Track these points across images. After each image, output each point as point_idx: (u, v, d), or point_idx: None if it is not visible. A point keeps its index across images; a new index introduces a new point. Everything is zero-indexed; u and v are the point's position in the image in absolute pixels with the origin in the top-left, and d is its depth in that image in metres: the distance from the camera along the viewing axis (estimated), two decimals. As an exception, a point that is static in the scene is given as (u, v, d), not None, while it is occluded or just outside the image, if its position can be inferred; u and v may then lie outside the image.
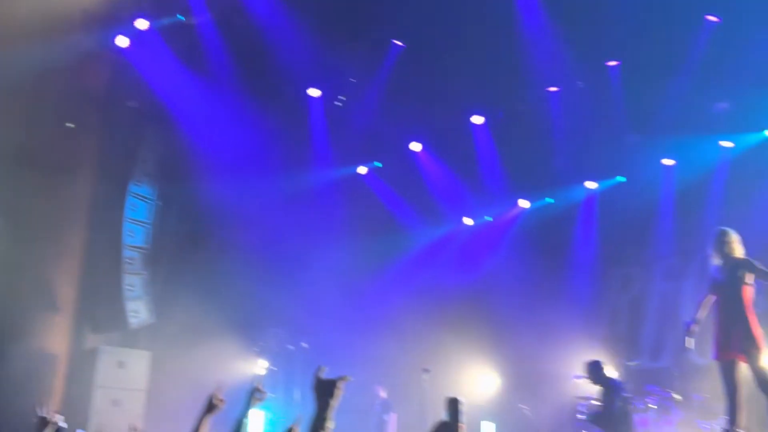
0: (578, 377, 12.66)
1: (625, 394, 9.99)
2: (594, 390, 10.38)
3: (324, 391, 2.94)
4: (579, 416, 9.95)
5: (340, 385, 2.97)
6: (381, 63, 12.68)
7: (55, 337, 11.18)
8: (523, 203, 15.06)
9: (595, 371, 10.07)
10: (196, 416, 4.29)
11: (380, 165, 14.79)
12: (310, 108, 13.35)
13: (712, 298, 7.45)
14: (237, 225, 12.52)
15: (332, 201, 13.95)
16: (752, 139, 12.35)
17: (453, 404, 3.84)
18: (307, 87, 13.09)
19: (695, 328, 7.51)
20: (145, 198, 12.37)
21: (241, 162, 12.45)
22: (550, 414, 12.50)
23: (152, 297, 12.15)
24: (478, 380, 14.00)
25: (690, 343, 7.60)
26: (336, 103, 13.25)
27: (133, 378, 11.52)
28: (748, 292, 7.09)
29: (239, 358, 12.38)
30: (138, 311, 12.02)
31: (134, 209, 12.16)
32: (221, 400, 4.35)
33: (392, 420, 12.79)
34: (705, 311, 7.61)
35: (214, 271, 12.03)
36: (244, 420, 4.23)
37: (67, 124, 11.25)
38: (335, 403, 2.92)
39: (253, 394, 4.34)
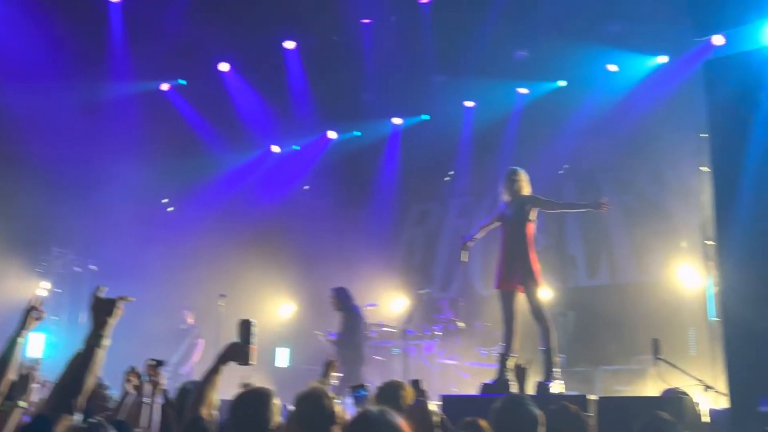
0: (372, 305, 13.10)
1: (364, 321, 10.54)
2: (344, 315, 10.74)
3: (102, 309, 2.87)
4: (327, 339, 10.52)
5: (120, 304, 2.91)
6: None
7: None
8: (331, 134, 15.08)
9: (340, 297, 10.49)
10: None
11: (185, 82, 14.11)
12: (109, 14, 12.40)
13: (495, 224, 7.85)
14: (19, 134, 11.48)
15: (132, 116, 13.16)
16: (545, 87, 13.07)
17: (244, 325, 3.78)
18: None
19: (470, 243, 7.88)
20: None
21: (27, 67, 11.33)
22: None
23: None
24: (275, 307, 14.08)
25: (464, 256, 7.96)
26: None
27: None
28: (531, 229, 7.51)
29: (18, 278, 11.55)
30: None
31: None
32: None
33: (200, 345, 12.59)
34: (483, 233, 8.04)
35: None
36: (19, 339, 3.95)
37: None
38: (113, 321, 2.87)
39: (29, 313, 4.05)
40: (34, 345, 11.48)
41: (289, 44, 13.27)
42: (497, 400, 3.76)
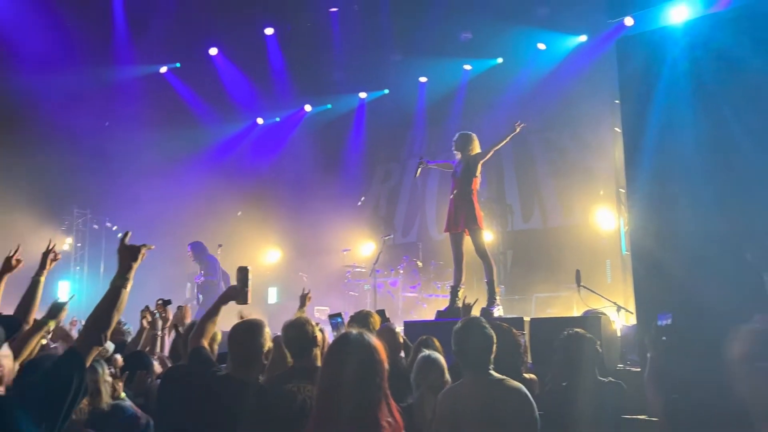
0: (346, 250, 13.15)
1: (220, 268, 10.93)
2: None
3: (128, 255, 2.77)
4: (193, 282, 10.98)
5: (144, 250, 2.82)
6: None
7: None
8: (307, 107, 14.93)
9: (195, 250, 10.82)
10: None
11: (179, 65, 13.81)
12: (113, 8, 12.05)
13: (446, 169, 7.90)
14: (46, 112, 11.21)
15: (137, 95, 12.91)
16: (487, 64, 13.01)
17: (242, 272, 3.78)
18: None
19: (425, 164, 8.00)
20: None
21: (50, 56, 11.03)
22: (324, 279, 12.89)
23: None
24: (264, 253, 14.07)
25: (418, 172, 8.08)
26: None
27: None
28: (476, 183, 7.53)
29: (46, 234, 11.36)
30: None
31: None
32: (18, 261, 3.97)
33: None
34: (436, 166, 8.27)
35: (20, 156, 10.75)
36: (40, 279, 3.90)
37: None
38: (136, 265, 2.76)
39: (47, 256, 4.00)
40: (62, 291, 11.39)
41: (269, 30, 13.06)
42: (458, 322, 3.75)
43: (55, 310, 3.76)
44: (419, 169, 8.00)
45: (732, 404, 2.84)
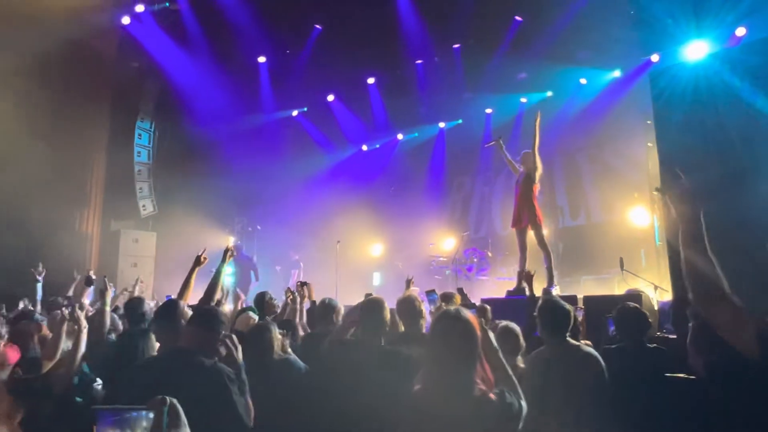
0: (431, 244, 13.10)
1: (250, 262, 11.53)
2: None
3: None
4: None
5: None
6: (306, 40, 12.06)
7: (89, 224, 10.78)
8: (399, 136, 15.02)
9: (237, 251, 11.01)
10: (188, 270, 4.16)
11: (306, 109, 14.24)
12: (260, 71, 12.63)
13: (516, 168, 7.58)
14: (216, 149, 11.92)
15: (277, 133, 13.47)
16: (539, 97, 12.63)
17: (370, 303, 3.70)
18: (257, 56, 12.33)
19: (496, 142, 7.70)
20: (147, 130, 11.66)
21: (218, 109, 11.77)
22: (415, 266, 12.89)
23: (155, 196, 11.62)
24: (370, 246, 14.25)
25: (490, 144, 7.81)
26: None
27: (145, 249, 11.16)
28: (536, 188, 7.32)
29: (216, 235, 12.04)
30: (146, 206, 11.51)
31: (140, 137, 11.49)
32: (205, 258, 4.22)
33: (295, 274, 12.73)
34: (508, 159, 7.73)
35: (199, 180, 11.44)
36: (222, 269, 4.13)
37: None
38: None
39: (226, 252, 4.23)
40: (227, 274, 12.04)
41: (371, 80, 13.24)
42: (541, 300, 3.56)
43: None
44: (493, 143, 7.74)
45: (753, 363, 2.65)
